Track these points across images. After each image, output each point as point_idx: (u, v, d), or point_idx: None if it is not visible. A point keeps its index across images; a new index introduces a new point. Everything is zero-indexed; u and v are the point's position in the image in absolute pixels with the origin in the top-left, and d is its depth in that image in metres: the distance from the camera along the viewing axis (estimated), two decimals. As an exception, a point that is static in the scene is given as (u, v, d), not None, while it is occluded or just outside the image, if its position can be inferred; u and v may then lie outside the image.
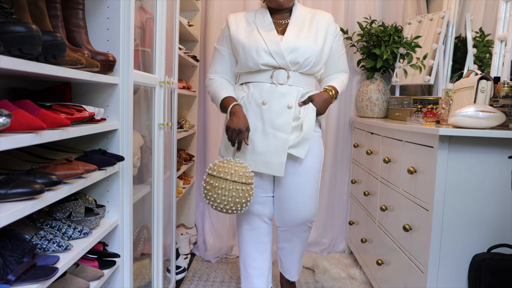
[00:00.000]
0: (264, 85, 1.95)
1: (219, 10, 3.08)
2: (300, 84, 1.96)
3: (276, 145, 1.91)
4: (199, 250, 3.11)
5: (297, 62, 1.92)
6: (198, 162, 3.22)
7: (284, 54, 1.90)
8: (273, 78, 1.94)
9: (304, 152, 1.93)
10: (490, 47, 2.40)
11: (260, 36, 1.94)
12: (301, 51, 1.92)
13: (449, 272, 1.66)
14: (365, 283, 2.56)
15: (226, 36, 2.05)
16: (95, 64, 1.23)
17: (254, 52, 1.92)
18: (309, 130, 1.92)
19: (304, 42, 1.93)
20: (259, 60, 1.91)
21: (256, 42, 1.93)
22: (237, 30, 2.01)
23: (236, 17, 2.07)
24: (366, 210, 2.59)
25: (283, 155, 1.91)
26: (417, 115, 2.15)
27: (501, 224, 1.64)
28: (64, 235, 1.25)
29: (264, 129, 1.92)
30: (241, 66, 2.00)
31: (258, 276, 2.12)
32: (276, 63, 1.91)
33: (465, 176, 1.64)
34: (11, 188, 0.92)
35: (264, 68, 1.93)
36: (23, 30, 0.86)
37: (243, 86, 2.02)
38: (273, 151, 1.91)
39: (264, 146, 1.92)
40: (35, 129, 0.94)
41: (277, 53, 1.91)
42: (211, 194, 1.86)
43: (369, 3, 3.08)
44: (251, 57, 1.93)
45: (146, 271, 1.89)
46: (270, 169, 1.93)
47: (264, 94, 1.94)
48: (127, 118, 1.47)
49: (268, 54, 1.91)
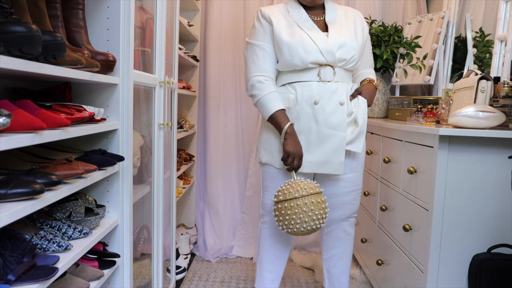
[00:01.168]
0: (312, 84, 1.89)
1: (219, 10, 3.07)
2: (345, 79, 1.94)
3: (334, 144, 1.87)
4: (199, 250, 3.11)
5: (344, 59, 1.89)
6: (198, 162, 3.22)
7: (333, 51, 1.86)
8: (321, 75, 1.89)
9: (361, 147, 1.92)
10: (490, 47, 2.40)
11: (305, 33, 1.89)
12: (348, 48, 1.89)
13: (449, 272, 1.66)
14: (365, 283, 2.56)
15: (268, 31, 1.94)
16: (95, 64, 1.23)
17: (302, 50, 1.86)
18: (364, 123, 1.93)
19: (348, 38, 1.91)
20: (308, 58, 1.86)
21: (302, 39, 1.87)
22: (279, 26, 1.92)
23: (272, 11, 1.97)
24: (366, 210, 2.59)
25: (342, 153, 1.88)
26: (417, 115, 2.15)
27: (501, 224, 1.64)
28: (64, 235, 1.25)
29: (319, 129, 1.87)
30: (285, 65, 1.91)
31: (273, 280, 2.12)
32: (325, 60, 1.87)
33: (465, 176, 1.63)
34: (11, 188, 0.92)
35: (311, 66, 1.88)
36: (23, 30, 0.86)
37: (287, 87, 1.94)
38: (331, 150, 1.88)
39: (320, 147, 1.88)
40: (35, 129, 0.94)
41: (326, 50, 1.86)
42: (282, 220, 1.81)
43: (369, 3, 3.08)
44: (298, 55, 1.86)
45: (146, 271, 1.89)
46: (329, 169, 1.90)
47: (314, 93, 1.88)
48: (127, 118, 1.47)
49: (317, 52, 1.86)
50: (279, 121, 1.87)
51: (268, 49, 1.94)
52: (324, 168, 1.90)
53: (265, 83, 1.91)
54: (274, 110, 1.87)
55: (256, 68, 1.93)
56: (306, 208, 1.78)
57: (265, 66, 1.93)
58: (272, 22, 1.93)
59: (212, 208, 3.16)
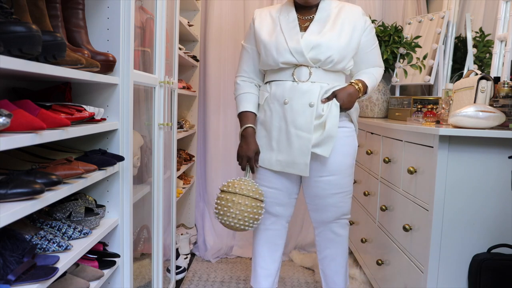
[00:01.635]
0: (285, 84, 1.89)
1: (219, 10, 3.07)
2: (324, 80, 1.89)
3: (299, 145, 1.86)
4: (199, 250, 3.11)
5: (318, 60, 1.85)
6: (198, 162, 3.22)
7: (303, 52, 1.84)
8: (295, 75, 1.88)
9: (328, 151, 1.87)
10: (490, 47, 2.40)
11: (282, 33, 1.89)
12: (323, 48, 1.85)
13: (449, 272, 1.66)
14: (365, 283, 2.56)
15: (252, 32, 2.00)
16: (95, 64, 1.23)
17: (274, 50, 1.88)
18: (332, 128, 1.85)
19: (326, 38, 1.86)
20: (279, 58, 1.87)
21: (277, 39, 1.89)
22: (260, 26, 1.96)
23: (262, 12, 2.02)
24: (366, 210, 2.59)
25: (307, 155, 1.86)
26: (417, 115, 2.15)
27: (501, 224, 1.64)
28: (64, 235, 1.25)
29: (287, 129, 1.88)
30: (263, 64, 1.96)
31: (266, 276, 2.11)
32: (296, 60, 1.86)
33: (465, 176, 1.63)
34: (11, 188, 0.92)
35: (284, 66, 1.88)
36: (23, 30, 0.86)
37: (266, 86, 1.98)
38: (297, 151, 1.87)
39: (288, 146, 1.88)
40: (35, 129, 0.94)
41: (296, 51, 1.84)
42: (220, 208, 1.87)
43: (369, 3, 3.08)
44: (271, 55, 1.88)
45: (146, 271, 1.89)
46: (296, 169, 1.89)
47: (285, 93, 1.88)
48: (127, 118, 1.47)
49: (288, 52, 1.85)
50: (240, 122, 1.99)
51: (250, 50, 2.02)
52: (291, 168, 1.90)
53: (241, 84, 2.03)
54: (240, 111, 2.00)
55: (239, 69, 2.07)
56: (243, 207, 1.85)
57: (245, 67, 2.03)
58: (254, 23, 1.99)
59: (212, 208, 3.15)
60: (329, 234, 2.06)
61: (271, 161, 1.93)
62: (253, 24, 2.00)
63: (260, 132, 1.97)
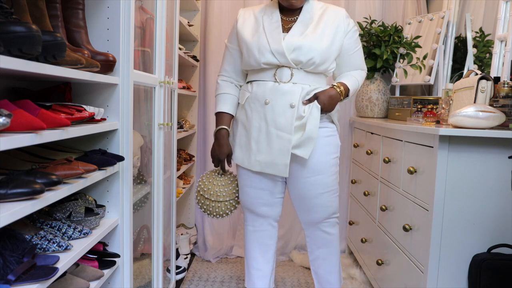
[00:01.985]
0: (267, 84, 1.90)
1: (219, 10, 3.07)
2: (306, 81, 1.89)
3: (279, 145, 1.86)
4: (199, 250, 3.11)
5: (299, 61, 1.86)
6: (198, 162, 3.22)
7: (285, 53, 1.84)
8: (276, 76, 1.88)
9: (308, 153, 1.87)
10: (490, 47, 2.40)
11: (264, 34, 1.90)
12: (305, 50, 1.85)
13: (449, 272, 1.66)
14: (365, 283, 2.56)
15: (234, 32, 2.01)
16: (95, 64, 1.23)
17: (256, 51, 1.88)
18: (313, 129, 1.86)
19: (307, 40, 1.86)
20: (261, 59, 1.87)
21: (259, 40, 1.89)
22: (243, 26, 1.97)
23: (245, 12, 2.02)
24: (366, 210, 2.59)
25: (287, 155, 1.86)
26: (417, 115, 2.15)
27: (501, 224, 1.64)
28: (64, 235, 1.25)
29: (268, 130, 1.88)
30: (244, 64, 1.97)
31: (260, 277, 2.10)
32: (278, 61, 1.86)
33: (465, 176, 1.63)
34: (11, 188, 0.92)
35: (266, 66, 1.89)
36: (23, 30, 0.86)
37: (248, 85, 1.98)
38: (277, 151, 1.87)
39: (268, 146, 1.88)
40: (35, 129, 0.94)
41: (278, 52, 1.85)
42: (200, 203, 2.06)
43: (369, 3, 3.08)
44: (253, 56, 1.89)
45: (146, 271, 1.89)
46: (275, 170, 1.89)
47: (266, 93, 1.89)
48: (127, 118, 1.47)
49: (269, 53, 1.86)
50: (216, 123, 2.04)
51: (231, 50, 2.04)
52: (271, 169, 1.90)
53: (221, 84, 2.06)
54: (216, 111, 2.04)
55: (220, 68, 2.09)
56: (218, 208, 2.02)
57: (226, 67, 2.06)
58: (237, 22, 2.00)
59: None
60: (320, 233, 2.05)
61: (250, 161, 1.93)
62: (236, 24, 2.01)
63: (240, 132, 1.97)
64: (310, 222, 2.04)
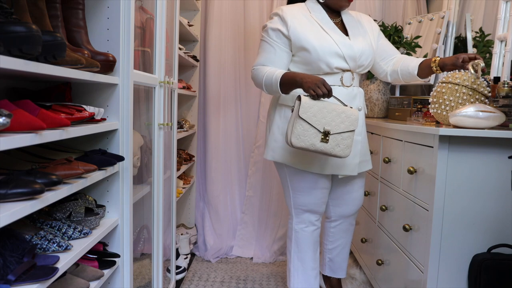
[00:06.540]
0: (335, 89, 1.90)
1: (219, 10, 3.07)
2: (357, 83, 2.00)
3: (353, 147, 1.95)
4: (199, 250, 3.11)
5: (363, 65, 1.96)
6: (198, 162, 3.22)
7: (356, 58, 1.91)
8: (343, 80, 1.94)
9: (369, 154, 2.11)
10: (490, 47, 2.40)
11: (329, 37, 1.89)
12: (367, 54, 1.95)
13: (449, 272, 1.66)
14: (365, 283, 2.56)
15: (283, 31, 1.91)
16: (95, 64, 1.23)
17: (328, 55, 1.87)
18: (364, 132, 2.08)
19: (366, 45, 1.96)
20: (334, 63, 1.88)
21: (329, 44, 1.88)
22: (300, 27, 1.90)
23: (291, 11, 1.94)
24: (366, 210, 2.59)
25: (357, 155, 2.00)
26: (417, 115, 2.15)
27: (501, 224, 1.64)
28: (64, 235, 1.25)
29: None
30: (311, 68, 1.91)
31: (316, 276, 2.17)
32: (348, 66, 1.91)
33: (465, 176, 1.63)
34: (11, 188, 0.92)
35: (336, 71, 1.91)
36: (23, 30, 0.86)
37: None
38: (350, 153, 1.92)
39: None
40: (35, 129, 0.94)
41: (350, 57, 1.90)
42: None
43: (369, 3, 3.08)
44: (325, 60, 1.87)
45: (146, 271, 1.89)
46: (345, 170, 1.99)
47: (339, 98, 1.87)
48: (127, 118, 1.47)
49: (341, 58, 1.89)
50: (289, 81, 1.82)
51: (275, 47, 1.92)
52: (340, 170, 2.00)
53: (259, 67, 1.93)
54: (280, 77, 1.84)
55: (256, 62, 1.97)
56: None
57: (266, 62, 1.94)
58: (287, 23, 1.90)
59: (212, 208, 3.16)
60: (347, 225, 2.23)
61: (321, 164, 1.97)
62: (285, 24, 1.90)
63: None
64: (344, 214, 2.19)
